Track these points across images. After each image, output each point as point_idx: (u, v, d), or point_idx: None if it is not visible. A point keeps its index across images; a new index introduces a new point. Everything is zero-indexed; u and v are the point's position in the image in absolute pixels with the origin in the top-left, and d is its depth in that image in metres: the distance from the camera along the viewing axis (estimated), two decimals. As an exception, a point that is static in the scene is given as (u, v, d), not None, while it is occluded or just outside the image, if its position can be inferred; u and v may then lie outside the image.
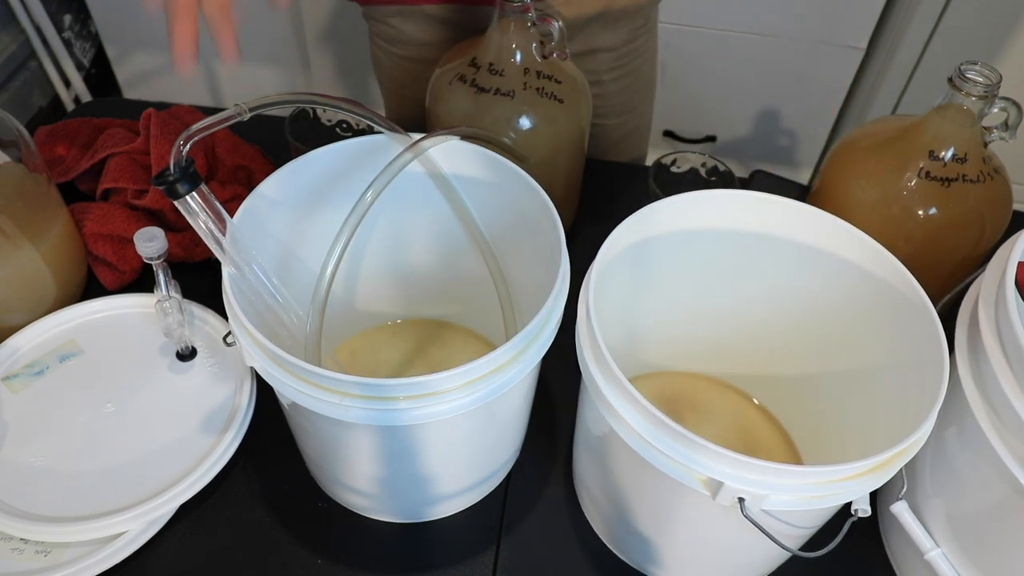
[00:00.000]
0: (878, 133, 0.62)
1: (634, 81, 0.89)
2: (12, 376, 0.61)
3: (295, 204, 0.54)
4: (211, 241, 0.46)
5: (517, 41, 0.62)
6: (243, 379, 0.60)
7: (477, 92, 0.64)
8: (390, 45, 0.84)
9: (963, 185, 0.57)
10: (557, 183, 0.70)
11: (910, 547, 0.52)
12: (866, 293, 0.51)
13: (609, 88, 0.87)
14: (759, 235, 0.54)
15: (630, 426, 0.42)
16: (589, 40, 0.82)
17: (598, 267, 0.47)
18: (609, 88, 0.87)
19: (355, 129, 0.73)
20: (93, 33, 1.85)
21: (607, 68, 0.85)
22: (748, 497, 0.40)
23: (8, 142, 0.61)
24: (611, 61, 0.85)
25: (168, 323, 0.59)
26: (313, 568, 0.54)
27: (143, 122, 0.72)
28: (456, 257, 0.61)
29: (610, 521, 0.55)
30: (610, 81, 0.86)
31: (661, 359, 0.64)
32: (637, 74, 0.89)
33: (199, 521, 0.56)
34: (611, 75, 0.86)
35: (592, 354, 0.44)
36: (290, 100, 0.47)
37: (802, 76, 1.49)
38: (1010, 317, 0.42)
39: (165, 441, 0.57)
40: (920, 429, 0.41)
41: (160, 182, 0.43)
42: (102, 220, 0.69)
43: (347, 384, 0.42)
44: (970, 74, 0.54)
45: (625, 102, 0.90)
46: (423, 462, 0.50)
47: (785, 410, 0.62)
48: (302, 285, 0.54)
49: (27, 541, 0.52)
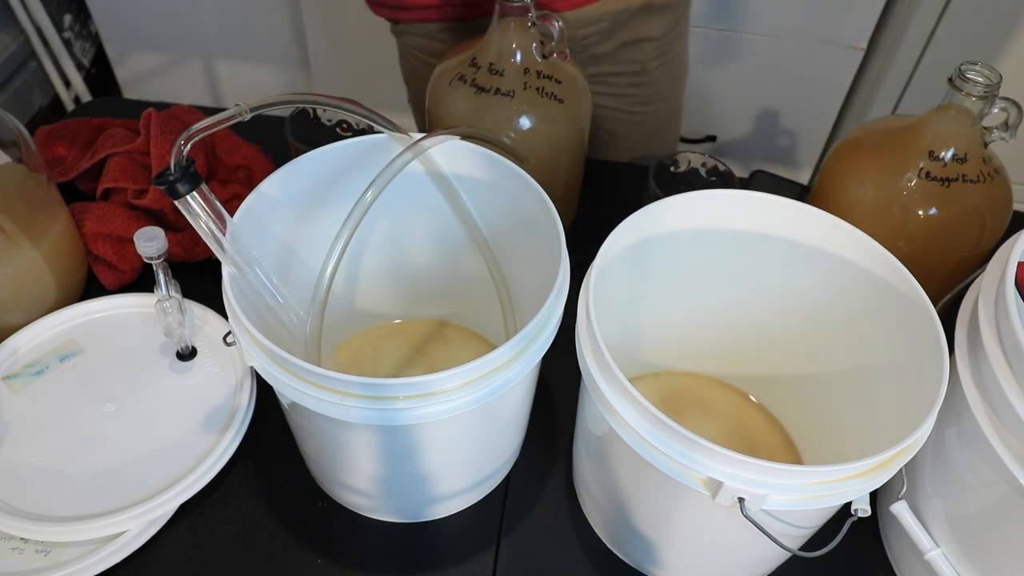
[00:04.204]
0: (878, 133, 0.62)
1: (675, 67, 0.91)
2: (12, 376, 0.61)
3: (295, 204, 0.54)
4: (211, 241, 0.46)
5: (517, 41, 0.62)
6: (243, 379, 0.60)
7: (477, 92, 0.64)
8: (431, 57, 0.85)
9: (963, 185, 0.57)
10: (557, 183, 0.70)
11: (910, 547, 0.52)
12: (866, 293, 0.51)
13: (653, 76, 0.89)
14: (759, 235, 0.54)
15: (630, 426, 0.42)
16: (635, 31, 0.83)
17: (598, 267, 0.47)
18: (653, 76, 0.89)
19: (355, 129, 0.73)
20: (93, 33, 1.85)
21: (651, 56, 0.87)
22: (748, 497, 0.40)
23: (8, 142, 0.61)
24: (655, 50, 0.86)
25: (168, 323, 0.59)
26: (313, 568, 0.54)
27: (143, 122, 0.72)
28: (456, 257, 0.61)
29: (610, 521, 0.55)
30: (654, 69, 0.88)
31: (661, 359, 0.64)
32: (677, 59, 0.90)
33: (199, 521, 0.56)
34: (655, 63, 0.88)
35: (592, 354, 0.44)
36: (290, 100, 0.47)
37: (802, 76, 1.49)
38: (1010, 317, 0.42)
39: (165, 441, 0.57)
40: (920, 429, 0.41)
41: (161, 182, 0.43)
42: (102, 220, 0.69)
43: (347, 384, 0.42)
44: (970, 74, 0.54)
45: (666, 88, 0.91)
46: (423, 462, 0.50)
47: (785, 410, 0.62)
48: (302, 285, 0.54)
49: (27, 541, 0.52)
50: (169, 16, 1.67)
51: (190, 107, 0.79)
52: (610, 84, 0.89)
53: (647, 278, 0.57)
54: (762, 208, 0.53)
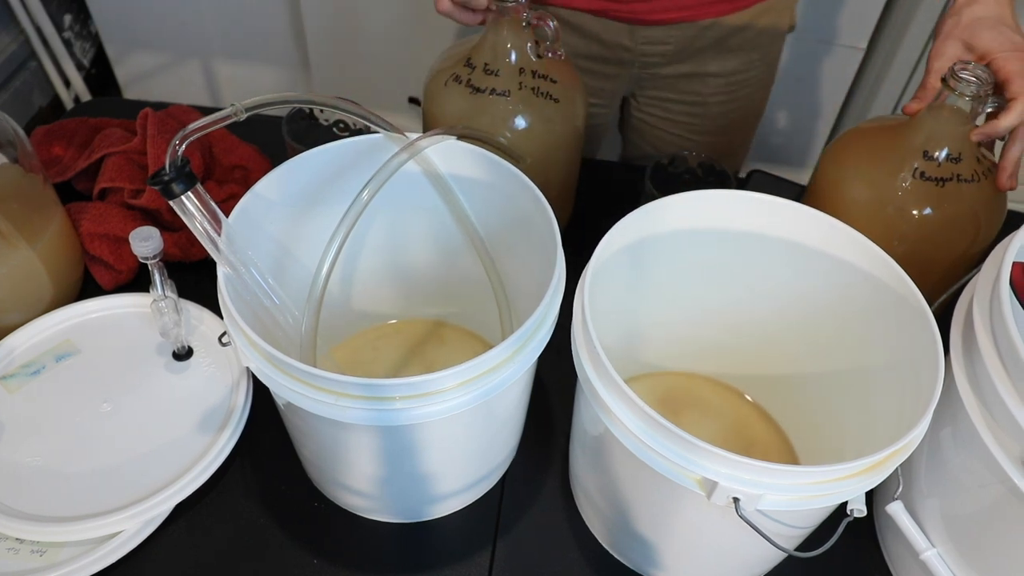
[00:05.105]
0: (872, 133, 0.62)
1: (742, 107, 0.90)
2: (8, 376, 0.60)
3: (291, 204, 0.54)
4: (206, 241, 0.45)
5: (512, 41, 0.62)
6: (239, 379, 0.60)
7: (472, 92, 0.64)
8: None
9: (957, 185, 0.57)
10: (553, 182, 0.70)
11: (906, 547, 0.52)
12: (862, 293, 0.51)
13: (712, 111, 0.88)
14: (755, 235, 0.54)
15: (625, 426, 0.42)
16: (701, 63, 0.83)
17: (594, 267, 0.47)
18: (712, 111, 0.88)
19: (352, 129, 0.73)
20: (93, 33, 1.85)
21: (714, 92, 0.86)
22: (743, 497, 0.40)
23: (4, 142, 0.61)
24: (720, 87, 0.86)
25: (164, 323, 0.59)
26: (309, 568, 0.54)
27: (140, 122, 0.72)
28: (452, 257, 0.61)
29: (606, 521, 0.55)
30: (715, 104, 0.88)
31: (657, 359, 0.64)
32: (745, 101, 0.90)
33: (195, 521, 0.56)
34: (717, 99, 0.87)
35: (588, 354, 0.44)
36: (286, 100, 0.47)
37: (802, 76, 1.49)
38: (1004, 318, 0.42)
39: (161, 441, 0.57)
40: (915, 429, 0.41)
41: (156, 182, 0.43)
42: (98, 220, 0.69)
43: (343, 384, 0.42)
44: (963, 74, 0.54)
45: (726, 125, 0.91)
46: (419, 462, 0.50)
47: (781, 410, 0.62)
48: (298, 285, 0.54)
49: (23, 541, 0.52)
50: (169, 16, 1.67)
51: (187, 107, 0.79)
52: (667, 109, 0.89)
53: (643, 278, 0.57)
54: (759, 208, 0.53)
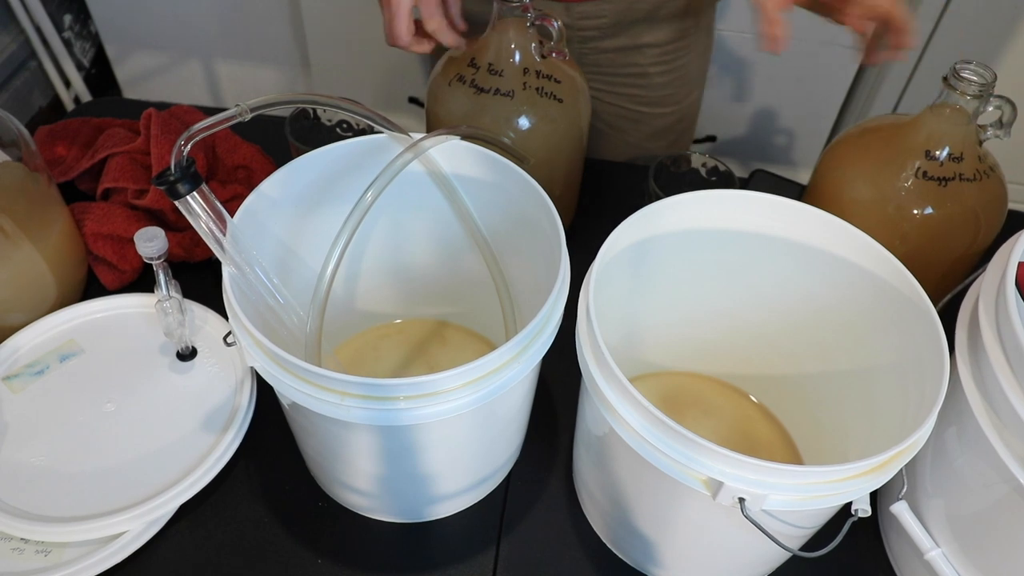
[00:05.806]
0: (873, 132, 0.62)
1: (681, 75, 0.91)
2: (12, 376, 0.61)
3: (295, 204, 0.54)
4: (211, 241, 0.45)
5: (516, 41, 0.62)
6: (243, 379, 0.60)
7: (476, 92, 0.64)
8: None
9: (959, 184, 0.57)
10: (556, 182, 0.70)
11: (910, 547, 0.52)
12: (866, 293, 0.51)
13: (654, 80, 0.89)
14: (759, 235, 0.54)
15: (630, 426, 0.42)
16: (637, 35, 0.84)
17: (598, 267, 0.47)
18: (654, 80, 0.89)
19: (355, 129, 0.73)
20: (93, 33, 1.85)
21: (653, 62, 0.87)
22: (748, 497, 0.40)
23: (8, 142, 0.61)
24: (657, 56, 0.87)
25: (168, 323, 0.59)
26: (313, 568, 0.54)
27: (143, 122, 0.72)
28: (456, 257, 0.61)
29: (610, 521, 0.55)
30: (656, 75, 0.89)
31: (661, 359, 0.64)
32: (685, 69, 0.91)
33: (199, 521, 0.56)
34: (657, 69, 0.88)
35: (592, 354, 0.44)
36: (290, 100, 0.47)
37: (802, 76, 1.49)
38: (1010, 317, 0.42)
39: (165, 441, 0.57)
40: (920, 429, 0.41)
41: (161, 182, 0.43)
42: (102, 220, 0.69)
43: (347, 384, 0.42)
44: (964, 73, 0.54)
45: (670, 95, 0.92)
46: (423, 462, 0.50)
47: (785, 410, 0.62)
48: (302, 285, 0.54)
49: (27, 541, 0.52)
50: (169, 16, 1.67)
51: (190, 107, 0.79)
52: (610, 82, 0.89)
53: (647, 278, 0.57)
54: (762, 208, 0.53)
